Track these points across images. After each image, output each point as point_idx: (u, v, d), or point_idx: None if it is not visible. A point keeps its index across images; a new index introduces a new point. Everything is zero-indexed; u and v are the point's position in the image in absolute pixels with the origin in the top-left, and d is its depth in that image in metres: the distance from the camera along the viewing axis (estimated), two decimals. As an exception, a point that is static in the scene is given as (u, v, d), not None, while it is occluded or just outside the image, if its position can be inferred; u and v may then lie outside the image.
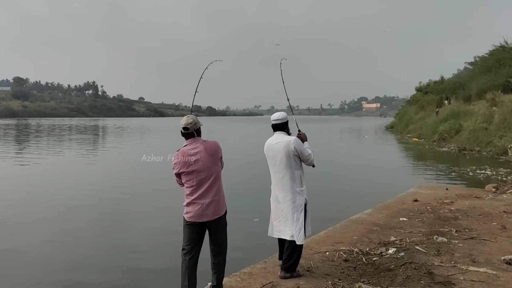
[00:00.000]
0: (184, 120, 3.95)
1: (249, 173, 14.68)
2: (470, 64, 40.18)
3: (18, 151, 22.40)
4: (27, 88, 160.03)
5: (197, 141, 3.94)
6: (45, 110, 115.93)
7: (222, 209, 3.99)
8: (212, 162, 3.90)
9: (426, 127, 32.45)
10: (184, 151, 3.91)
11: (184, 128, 3.92)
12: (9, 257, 6.34)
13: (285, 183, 4.49)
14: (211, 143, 3.98)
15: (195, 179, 3.86)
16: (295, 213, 4.44)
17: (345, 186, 12.42)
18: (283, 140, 4.49)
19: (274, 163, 4.55)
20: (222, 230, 4.04)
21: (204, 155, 3.87)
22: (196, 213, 3.88)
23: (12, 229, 7.78)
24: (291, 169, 4.46)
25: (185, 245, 3.96)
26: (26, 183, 12.48)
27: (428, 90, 47.48)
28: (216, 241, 4.01)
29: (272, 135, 4.67)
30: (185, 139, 4.00)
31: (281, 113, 4.68)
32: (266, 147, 4.65)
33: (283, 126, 4.64)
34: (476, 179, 13.17)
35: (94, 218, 8.74)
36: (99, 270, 5.86)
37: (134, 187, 12.19)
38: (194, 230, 3.94)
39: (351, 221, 7.25)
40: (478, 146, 21.45)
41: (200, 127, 4.01)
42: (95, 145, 27.43)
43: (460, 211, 7.85)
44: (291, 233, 4.45)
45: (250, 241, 6.97)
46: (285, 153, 4.43)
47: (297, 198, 4.47)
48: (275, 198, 4.63)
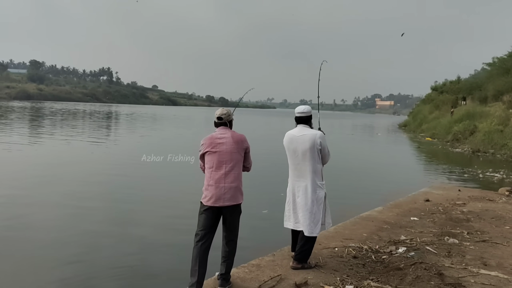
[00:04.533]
0: (219, 110, 4.25)
1: (260, 165, 14.66)
2: (488, 65, 39.54)
3: (19, 135, 22.59)
4: (43, 71, 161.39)
5: (227, 130, 4.18)
6: (59, 94, 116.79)
7: (239, 197, 4.08)
8: (235, 148, 4.07)
9: (440, 127, 32.07)
10: (213, 135, 4.14)
11: (218, 118, 4.20)
12: (16, 242, 6.34)
13: (307, 176, 4.49)
14: (239, 134, 4.20)
15: (216, 160, 4.03)
16: (314, 206, 4.46)
17: (356, 183, 12.36)
18: (308, 133, 4.49)
19: (296, 155, 4.54)
20: (236, 217, 4.13)
21: (229, 141, 4.07)
22: (214, 196, 3.95)
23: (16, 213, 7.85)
24: (314, 162, 4.47)
25: (199, 230, 4.00)
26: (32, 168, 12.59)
27: (443, 89, 46.97)
28: (229, 228, 4.09)
29: (294, 128, 4.66)
30: (216, 128, 4.23)
31: (306, 107, 4.72)
32: (288, 139, 4.63)
33: (307, 120, 4.63)
34: (489, 181, 12.99)
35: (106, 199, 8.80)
36: (107, 256, 5.89)
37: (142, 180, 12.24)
38: (210, 216, 3.99)
39: (361, 218, 7.20)
40: (492, 148, 21.17)
41: (232, 120, 4.29)
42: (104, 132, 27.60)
43: (472, 213, 7.75)
44: (307, 224, 4.45)
45: (259, 233, 6.96)
46: (309, 145, 4.43)
47: (317, 190, 4.50)
48: (293, 190, 4.62)
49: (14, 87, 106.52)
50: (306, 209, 4.48)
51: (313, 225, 4.46)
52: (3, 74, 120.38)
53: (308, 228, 4.48)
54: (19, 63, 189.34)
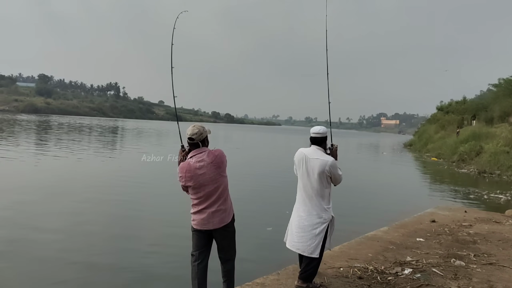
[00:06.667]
0: (189, 130, 3.87)
1: (266, 182, 14.65)
2: (494, 86, 39.58)
3: (21, 149, 22.73)
4: (51, 85, 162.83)
5: (202, 152, 3.86)
6: (67, 108, 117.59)
7: (228, 217, 3.97)
8: (218, 174, 3.86)
9: (446, 147, 31.96)
10: (190, 165, 3.83)
11: (189, 138, 3.86)
12: (19, 254, 6.40)
13: (313, 198, 4.47)
14: (217, 154, 3.88)
15: (202, 192, 3.84)
16: (317, 228, 4.41)
17: (361, 202, 12.30)
18: (321, 158, 4.45)
19: (305, 176, 4.52)
20: (228, 237, 4.02)
21: (210, 168, 3.81)
22: (202, 221, 3.88)
23: (21, 224, 7.89)
24: (322, 187, 4.45)
25: (194, 251, 3.98)
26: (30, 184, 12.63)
27: (449, 109, 46.95)
28: (223, 249, 4.02)
29: (309, 147, 4.63)
30: (190, 148, 3.95)
31: (322, 127, 4.66)
32: (300, 157, 4.59)
33: (322, 141, 4.60)
34: (495, 203, 12.89)
35: (107, 215, 8.81)
36: (108, 271, 5.88)
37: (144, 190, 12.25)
38: (201, 237, 3.96)
39: (366, 237, 7.15)
40: (498, 169, 21.04)
41: (207, 136, 3.94)
42: (109, 147, 27.70)
43: (479, 235, 7.68)
44: (308, 245, 4.42)
45: (264, 251, 6.92)
46: (319, 171, 4.40)
47: (322, 214, 4.45)
48: (299, 210, 4.60)
49: (22, 101, 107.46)
50: (308, 231, 4.45)
51: (314, 247, 4.39)
52: (11, 88, 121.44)
53: (308, 249, 4.43)
54: (28, 77, 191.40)
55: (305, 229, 4.47)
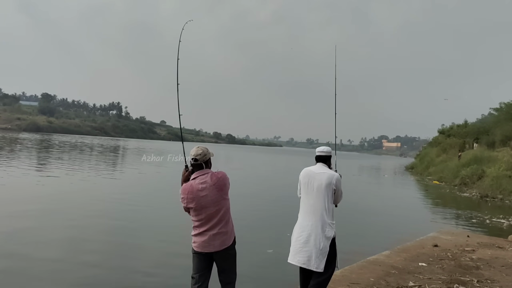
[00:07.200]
0: (193, 151, 3.91)
1: (267, 204, 14.58)
2: (495, 110, 39.75)
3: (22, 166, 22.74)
4: (54, 104, 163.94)
5: (205, 174, 3.88)
6: (69, 127, 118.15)
7: (229, 240, 3.93)
8: (220, 196, 3.85)
9: (448, 171, 31.87)
10: (192, 186, 3.85)
11: (193, 159, 3.89)
12: (16, 273, 6.33)
13: (318, 212, 4.49)
14: (220, 177, 3.89)
15: (203, 214, 3.83)
16: (323, 243, 4.39)
17: (362, 225, 12.19)
18: (327, 172, 4.62)
19: (312, 190, 4.57)
20: (229, 260, 3.98)
21: (212, 190, 3.81)
22: (203, 243, 3.85)
23: (19, 242, 7.83)
24: (328, 200, 4.51)
25: (194, 273, 3.93)
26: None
27: (451, 133, 47.05)
28: (224, 272, 3.97)
29: (313, 165, 4.78)
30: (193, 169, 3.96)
31: (327, 147, 4.92)
32: (306, 174, 4.70)
33: (326, 159, 4.79)
34: (498, 228, 12.78)
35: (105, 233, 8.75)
36: None
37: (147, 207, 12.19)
38: (202, 259, 3.92)
39: (368, 261, 7.07)
40: (501, 194, 20.93)
41: (210, 158, 3.97)
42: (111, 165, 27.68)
43: (482, 260, 7.59)
44: (314, 258, 4.38)
45: (264, 273, 6.83)
46: (326, 183, 4.51)
47: (327, 229, 4.45)
48: (302, 226, 4.57)
49: (25, 119, 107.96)
50: (314, 246, 4.42)
51: (319, 260, 4.36)
52: (14, 106, 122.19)
53: (314, 262, 4.39)
54: (31, 96, 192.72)
55: (309, 243, 4.44)
